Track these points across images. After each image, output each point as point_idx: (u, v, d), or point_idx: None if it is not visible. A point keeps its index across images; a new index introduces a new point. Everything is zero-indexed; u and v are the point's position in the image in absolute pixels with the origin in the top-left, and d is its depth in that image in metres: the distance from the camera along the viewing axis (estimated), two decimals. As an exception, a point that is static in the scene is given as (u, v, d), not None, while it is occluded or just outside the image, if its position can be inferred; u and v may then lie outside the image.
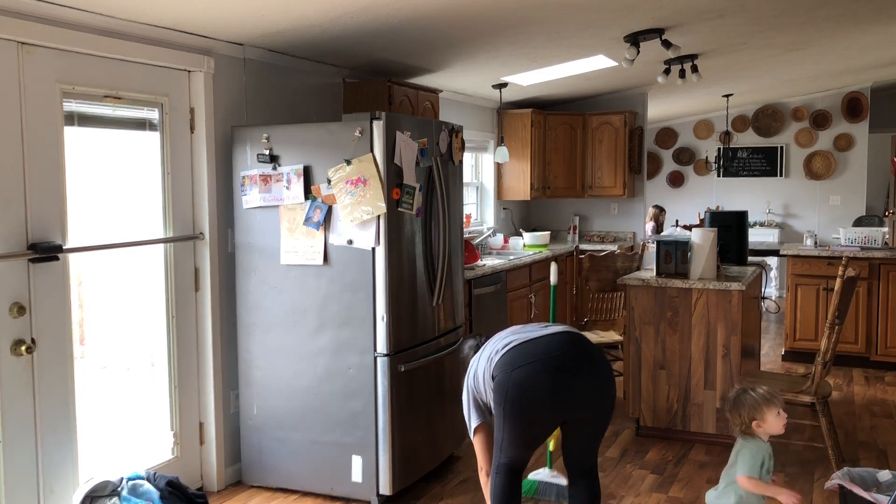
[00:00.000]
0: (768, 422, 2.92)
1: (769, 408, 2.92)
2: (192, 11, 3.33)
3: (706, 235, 4.66)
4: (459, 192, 4.39)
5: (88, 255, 3.39)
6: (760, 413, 2.92)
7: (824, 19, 5.03)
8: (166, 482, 3.36)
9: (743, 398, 2.97)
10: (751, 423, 2.93)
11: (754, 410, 2.93)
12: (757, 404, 2.93)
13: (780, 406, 2.95)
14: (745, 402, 2.95)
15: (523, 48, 4.93)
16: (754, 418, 2.93)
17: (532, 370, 2.83)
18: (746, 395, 2.97)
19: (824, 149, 9.69)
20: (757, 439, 2.95)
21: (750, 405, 2.94)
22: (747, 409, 2.94)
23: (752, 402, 2.94)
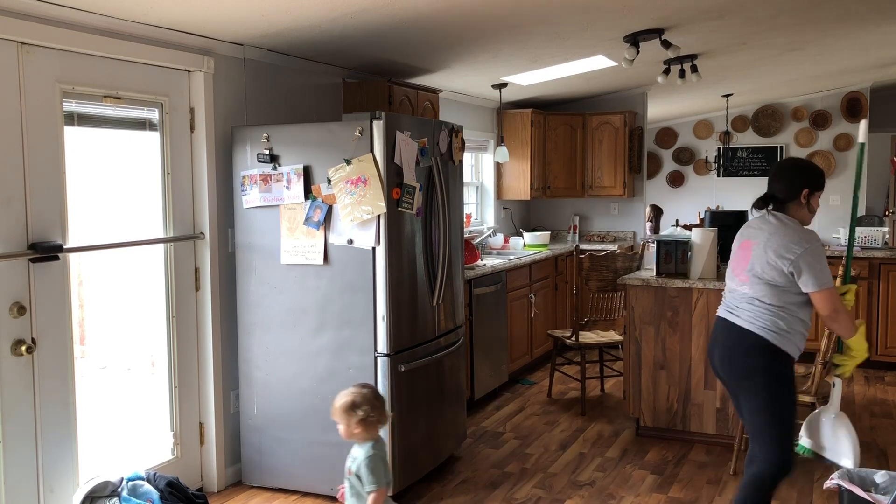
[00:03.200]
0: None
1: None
2: (191, 11, 3.33)
3: (706, 235, 4.66)
4: (459, 191, 4.39)
5: (89, 254, 3.39)
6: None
7: (824, 19, 5.03)
8: (166, 482, 3.36)
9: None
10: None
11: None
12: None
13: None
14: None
15: (523, 48, 4.93)
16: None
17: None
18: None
19: (824, 149, 9.68)
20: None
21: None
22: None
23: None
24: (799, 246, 2.98)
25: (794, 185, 3.09)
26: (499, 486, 4.04)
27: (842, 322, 3.05)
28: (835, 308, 3.02)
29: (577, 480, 4.12)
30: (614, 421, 5.14)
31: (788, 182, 3.11)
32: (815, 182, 3.11)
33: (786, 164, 3.25)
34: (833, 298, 3.01)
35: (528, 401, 5.63)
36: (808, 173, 3.12)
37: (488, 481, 4.11)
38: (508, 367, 5.84)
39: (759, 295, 3.06)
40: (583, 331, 5.59)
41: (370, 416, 2.75)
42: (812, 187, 3.09)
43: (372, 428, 2.78)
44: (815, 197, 3.12)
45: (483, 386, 5.42)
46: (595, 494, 3.93)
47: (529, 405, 5.53)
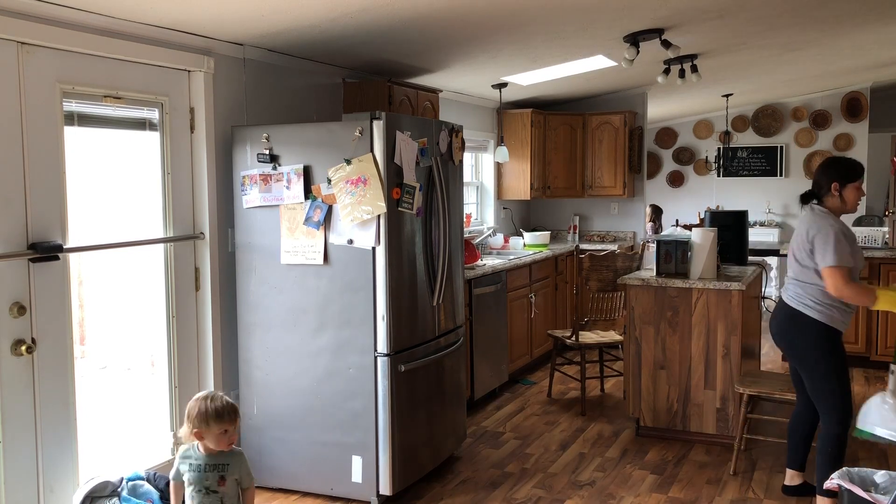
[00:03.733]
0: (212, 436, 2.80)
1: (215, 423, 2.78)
2: (191, 11, 3.33)
3: (706, 235, 4.66)
4: (459, 191, 4.39)
5: (89, 254, 3.39)
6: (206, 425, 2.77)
7: (824, 19, 5.03)
8: (166, 483, 3.36)
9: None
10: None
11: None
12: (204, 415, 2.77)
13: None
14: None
15: (523, 48, 4.93)
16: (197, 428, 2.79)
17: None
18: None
19: (824, 149, 9.69)
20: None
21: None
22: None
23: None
24: (815, 227, 3.44)
25: (824, 180, 3.54)
26: (499, 486, 4.04)
27: (849, 298, 3.40)
28: (835, 286, 3.36)
29: (577, 480, 4.12)
30: (614, 421, 5.14)
31: (819, 177, 3.57)
32: (844, 175, 3.51)
33: (822, 161, 3.69)
34: (834, 277, 3.35)
35: (528, 401, 5.63)
36: (835, 168, 3.56)
37: (488, 481, 4.11)
38: (508, 367, 5.84)
39: (797, 275, 3.56)
40: (583, 331, 5.59)
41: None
42: (841, 180, 3.50)
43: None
44: (847, 189, 3.50)
45: (483, 386, 5.42)
46: (595, 494, 3.93)
47: (529, 405, 5.53)
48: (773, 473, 4.18)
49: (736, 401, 4.50)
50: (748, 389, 4.14)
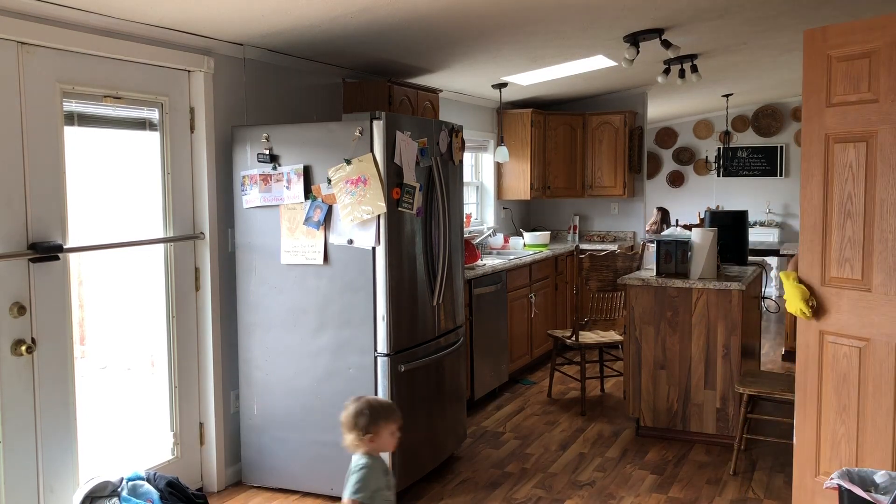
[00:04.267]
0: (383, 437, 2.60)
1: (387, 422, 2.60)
2: (192, 11, 3.33)
3: (706, 235, 4.66)
4: (459, 191, 4.39)
5: (89, 254, 3.39)
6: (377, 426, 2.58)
7: (824, 19, 5.03)
8: (166, 483, 3.36)
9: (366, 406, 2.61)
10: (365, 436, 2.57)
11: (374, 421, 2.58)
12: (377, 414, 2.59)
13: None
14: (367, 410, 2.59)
15: (523, 48, 4.93)
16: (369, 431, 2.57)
17: None
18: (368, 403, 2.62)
19: (824, 149, 9.68)
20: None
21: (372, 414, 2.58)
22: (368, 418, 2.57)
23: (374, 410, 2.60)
24: None
25: None
26: (499, 486, 4.04)
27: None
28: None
29: (577, 480, 4.12)
30: (614, 421, 5.14)
31: None
32: None
33: None
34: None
35: (528, 401, 5.63)
36: None
37: (488, 481, 4.11)
38: (508, 367, 5.84)
39: None
40: (583, 331, 5.59)
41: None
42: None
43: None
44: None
45: (483, 386, 5.42)
46: (595, 494, 3.93)
47: (529, 405, 5.53)
48: (773, 473, 4.18)
49: (736, 401, 4.51)
50: (748, 389, 4.14)
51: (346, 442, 2.59)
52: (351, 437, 2.57)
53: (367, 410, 2.57)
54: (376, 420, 2.56)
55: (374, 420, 2.56)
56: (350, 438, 2.57)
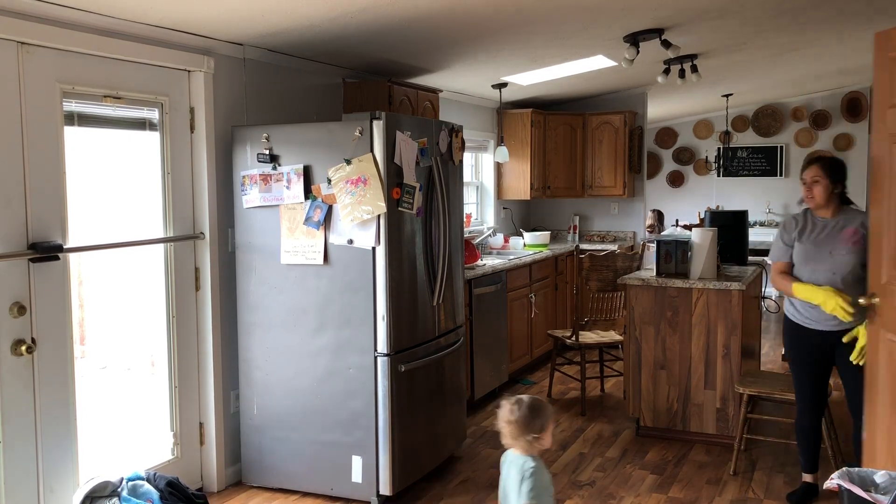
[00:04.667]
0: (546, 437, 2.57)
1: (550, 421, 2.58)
2: (192, 11, 3.33)
3: (706, 235, 4.66)
4: (459, 191, 4.39)
5: (89, 254, 3.39)
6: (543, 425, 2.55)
7: (824, 19, 5.03)
8: (166, 482, 3.36)
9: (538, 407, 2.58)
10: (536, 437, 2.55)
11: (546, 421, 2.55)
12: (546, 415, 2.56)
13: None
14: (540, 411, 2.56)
15: (523, 48, 4.93)
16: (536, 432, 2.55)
17: None
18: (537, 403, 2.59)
19: (824, 149, 9.69)
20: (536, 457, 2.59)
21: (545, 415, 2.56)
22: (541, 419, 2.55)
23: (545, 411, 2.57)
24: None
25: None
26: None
27: (777, 289, 3.83)
28: (770, 280, 3.87)
29: (577, 480, 4.12)
30: (614, 421, 5.14)
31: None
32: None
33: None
34: (771, 272, 3.84)
35: (548, 401, 5.63)
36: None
37: (488, 481, 4.11)
38: (508, 367, 5.84)
39: None
40: (583, 331, 5.59)
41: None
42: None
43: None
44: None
45: (483, 386, 5.42)
46: (595, 494, 3.93)
47: (529, 405, 5.52)
48: (773, 473, 4.18)
49: (736, 401, 4.50)
50: (748, 389, 4.14)
51: (514, 446, 2.58)
52: (522, 441, 2.55)
53: (537, 413, 2.55)
54: (545, 421, 2.56)
55: (546, 419, 2.56)
56: (521, 443, 2.56)
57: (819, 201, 3.60)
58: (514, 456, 2.60)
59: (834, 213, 3.63)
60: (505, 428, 2.58)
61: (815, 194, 3.59)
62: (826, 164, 3.60)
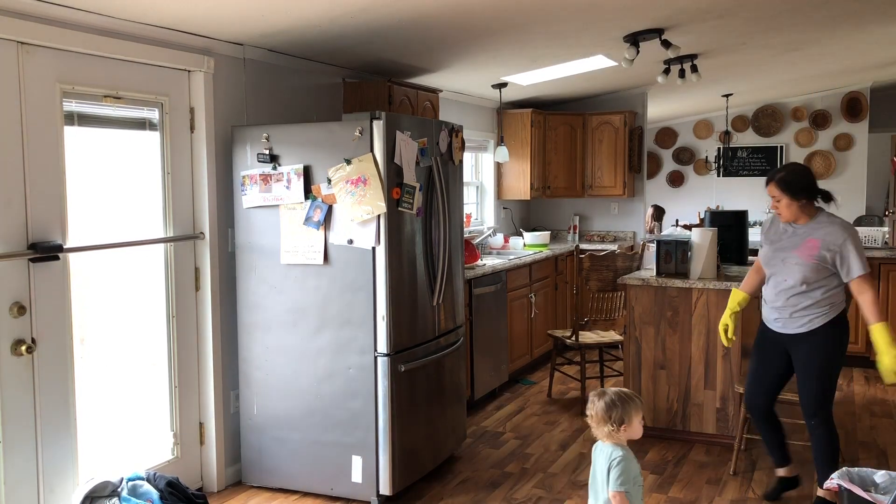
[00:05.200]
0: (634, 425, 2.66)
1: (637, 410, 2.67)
2: (192, 11, 3.33)
3: (706, 235, 4.66)
4: (459, 191, 4.39)
5: (89, 254, 3.39)
6: (629, 414, 2.64)
7: (824, 19, 5.03)
8: (166, 483, 3.36)
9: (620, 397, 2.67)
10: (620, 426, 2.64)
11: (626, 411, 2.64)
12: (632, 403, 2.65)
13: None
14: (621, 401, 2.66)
15: (523, 48, 4.93)
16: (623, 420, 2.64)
17: None
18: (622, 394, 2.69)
19: (824, 149, 9.69)
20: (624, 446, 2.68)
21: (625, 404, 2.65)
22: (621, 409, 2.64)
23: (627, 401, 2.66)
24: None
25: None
26: (499, 486, 4.04)
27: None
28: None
29: (577, 480, 4.11)
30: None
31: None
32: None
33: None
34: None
35: (528, 401, 5.63)
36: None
37: (488, 481, 4.11)
38: (508, 367, 5.84)
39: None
40: (583, 331, 5.59)
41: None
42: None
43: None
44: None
45: (483, 386, 5.42)
46: (595, 494, 3.93)
47: (529, 405, 5.53)
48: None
49: (736, 401, 4.50)
50: (748, 389, 4.13)
51: (598, 434, 2.68)
52: (605, 429, 2.64)
53: (619, 402, 2.64)
54: (628, 410, 2.63)
55: (627, 410, 2.63)
56: (604, 431, 2.65)
57: (787, 217, 3.60)
58: (603, 445, 2.70)
59: (807, 221, 3.62)
60: (588, 419, 2.71)
61: (782, 211, 3.60)
62: (781, 183, 3.57)
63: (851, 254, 3.47)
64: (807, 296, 3.55)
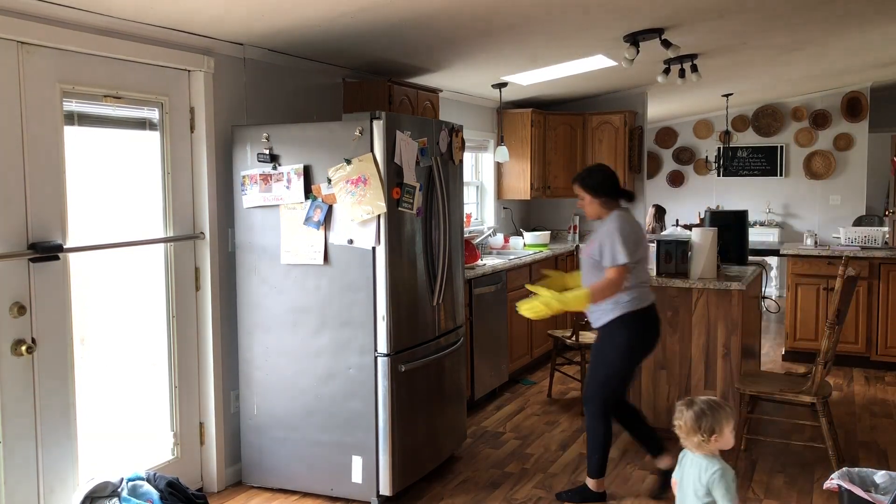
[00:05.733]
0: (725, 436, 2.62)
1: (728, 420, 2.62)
2: (192, 11, 3.33)
3: (706, 235, 4.66)
4: (460, 191, 4.39)
5: (89, 254, 3.39)
6: (720, 425, 2.60)
7: (824, 19, 5.03)
8: (166, 483, 3.36)
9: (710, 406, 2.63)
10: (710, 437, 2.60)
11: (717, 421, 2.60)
12: (724, 414, 2.61)
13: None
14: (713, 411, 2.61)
15: (523, 48, 4.93)
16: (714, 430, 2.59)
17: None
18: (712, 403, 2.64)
19: (824, 148, 9.69)
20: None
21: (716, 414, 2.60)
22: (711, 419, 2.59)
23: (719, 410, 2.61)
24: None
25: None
26: (499, 486, 4.04)
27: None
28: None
29: (578, 480, 4.11)
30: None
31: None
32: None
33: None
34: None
35: (528, 401, 5.63)
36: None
37: (488, 481, 4.11)
38: (508, 367, 5.84)
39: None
40: (583, 331, 5.59)
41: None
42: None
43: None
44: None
45: (483, 386, 5.42)
46: (595, 494, 3.93)
47: (529, 405, 5.53)
48: (773, 473, 4.18)
49: (736, 401, 4.50)
50: (748, 389, 4.14)
51: (687, 445, 2.65)
52: (695, 440, 2.60)
53: (709, 411, 2.60)
54: (719, 419, 2.59)
55: (717, 420, 2.58)
56: (694, 441, 2.61)
57: (591, 214, 3.83)
58: (693, 457, 2.65)
59: (602, 219, 3.81)
60: (676, 429, 2.66)
61: (586, 209, 3.83)
62: (582, 182, 3.80)
63: (609, 246, 3.63)
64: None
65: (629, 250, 3.60)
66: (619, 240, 3.60)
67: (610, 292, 3.64)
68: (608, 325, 3.74)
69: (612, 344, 3.73)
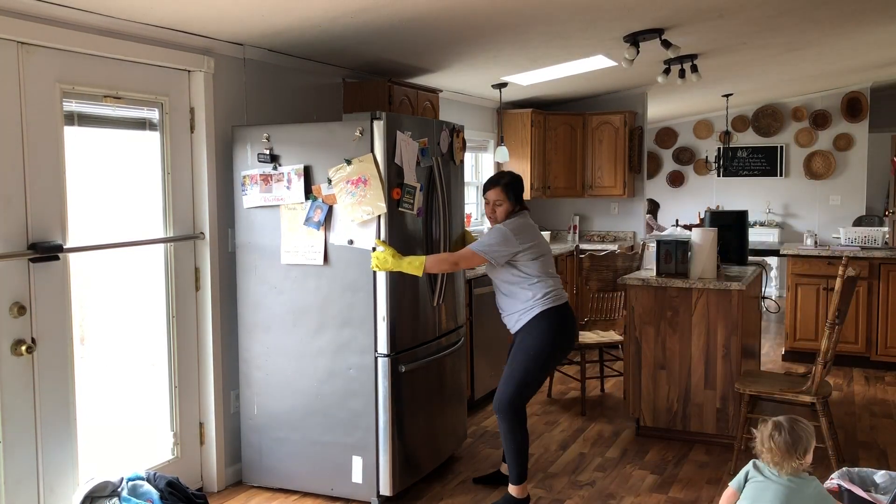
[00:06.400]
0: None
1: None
2: (192, 11, 3.33)
3: (706, 235, 4.66)
4: (460, 191, 4.39)
5: (89, 254, 3.39)
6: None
7: (824, 19, 5.03)
8: (166, 483, 3.36)
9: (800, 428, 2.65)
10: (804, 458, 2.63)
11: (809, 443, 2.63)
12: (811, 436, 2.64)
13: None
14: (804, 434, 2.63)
15: (523, 48, 4.93)
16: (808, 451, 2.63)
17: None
18: (800, 425, 2.66)
19: (824, 149, 9.69)
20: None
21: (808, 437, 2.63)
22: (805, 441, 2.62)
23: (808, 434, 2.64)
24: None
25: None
26: (499, 487, 4.03)
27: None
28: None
29: (577, 480, 4.12)
30: (614, 421, 5.14)
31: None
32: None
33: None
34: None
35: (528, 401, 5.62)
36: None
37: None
38: (508, 367, 5.82)
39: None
40: (583, 331, 5.59)
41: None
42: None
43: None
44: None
45: (483, 386, 5.42)
46: (595, 494, 3.93)
47: (529, 405, 5.51)
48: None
49: (736, 401, 4.50)
50: (748, 389, 4.14)
51: (779, 468, 2.65)
52: (792, 464, 2.63)
53: (802, 433, 2.64)
54: (810, 440, 2.65)
55: (809, 440, 2.64)
56: (792, 466, 2.63)
57: (501, 219, 3.79)
58: (792, 480, 2.64)
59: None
60: (766, 453, 2.68)
61: (498, 214, 3.79)
62: (506, 188, 3.78)
63: (489, 235, 3.70)
64: (501, 297, 3.82)
65: (507, 247, 3.64)
66: (497, 237, 3.64)
67: (447, 266, 3.78)
68: (527, 325, 3.71)
69: (532, 342, 3.68)
